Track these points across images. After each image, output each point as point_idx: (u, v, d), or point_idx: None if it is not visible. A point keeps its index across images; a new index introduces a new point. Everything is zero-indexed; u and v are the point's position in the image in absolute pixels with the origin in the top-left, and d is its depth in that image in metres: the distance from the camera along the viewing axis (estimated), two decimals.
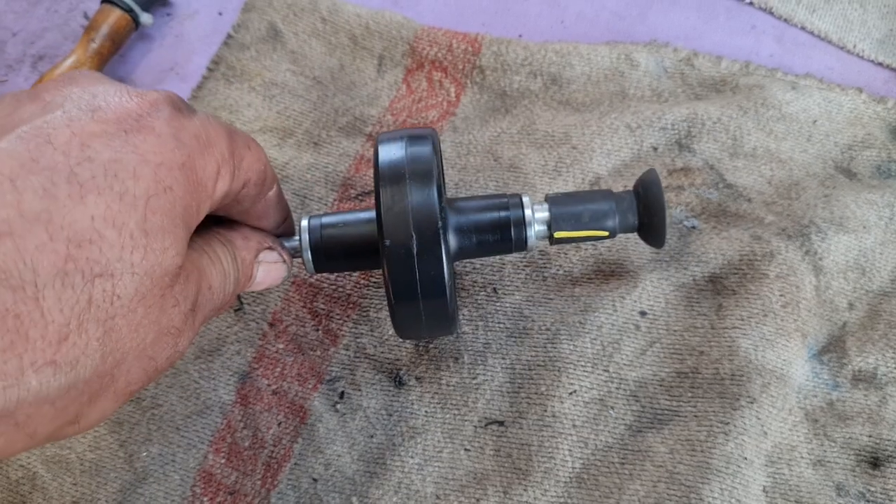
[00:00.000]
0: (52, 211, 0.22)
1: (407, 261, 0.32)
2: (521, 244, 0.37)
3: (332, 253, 0.36)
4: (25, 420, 0.23)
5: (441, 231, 0.32)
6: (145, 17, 0.52)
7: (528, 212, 0.36)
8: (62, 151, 0.23)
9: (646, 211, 0.38)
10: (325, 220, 0.36)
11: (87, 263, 0.22)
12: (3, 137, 0.23)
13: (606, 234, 0.38)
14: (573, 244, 0.42)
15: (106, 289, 0.23)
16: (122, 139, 0.24)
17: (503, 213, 0.36)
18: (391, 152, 0.33)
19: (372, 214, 0.36)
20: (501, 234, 0.36)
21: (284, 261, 0.35)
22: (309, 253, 0.36)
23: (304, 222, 0.36)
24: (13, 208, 0.21)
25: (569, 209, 0.37)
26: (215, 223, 0.33)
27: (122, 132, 0.24)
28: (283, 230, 0.36)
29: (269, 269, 0.34)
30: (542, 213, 0.37)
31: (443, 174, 0.35)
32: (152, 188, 0.24)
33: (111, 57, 0.52)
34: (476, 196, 0.39)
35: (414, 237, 0.32)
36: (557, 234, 0.37)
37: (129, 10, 0.51)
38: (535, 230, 0.37)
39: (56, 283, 0.22)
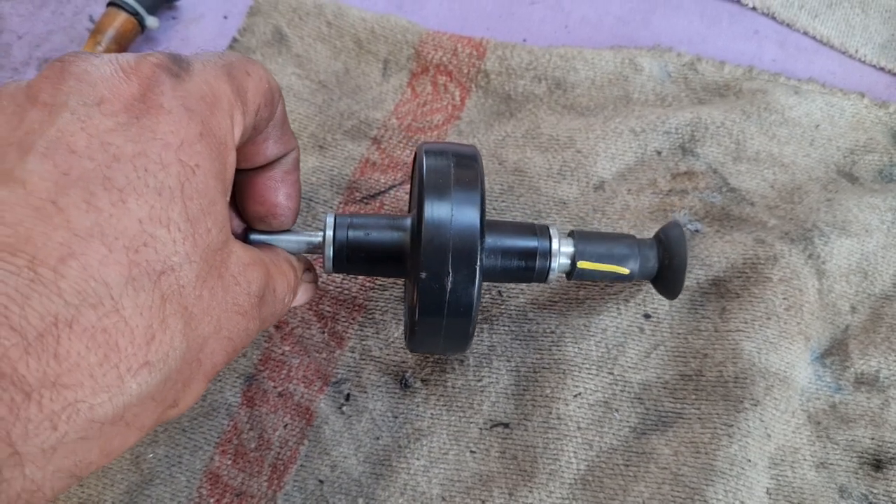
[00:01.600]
0: (102, 223, 0.23)
1: (439, 294, 0.32)
2: (543, 275, 0.37)
3: (354, 255, 0.35)
4: (133, 418, 0.24)
5: (478, 270, 0.32)
6: (151, 21, 0.53)
7: (555, 243, 0.37)
8: (87, 157, 0.23)
9: (667, 260, 0.38)
10: (354, 220, 0.36)
11: (149, 265, 0.23)
12: (26, 158, 0.23)
13: (627, 272, 0.38)
14: (588, 280, 0.42)
15: (172, 283, 0.24)
16: (137, 127, 0.24)
17: (531, 243, 0.36)
18: (437, 169, 0.33)
19: (401, 222, 0.36)
20: (526, 263, 0.36)
21: (315, 281, 0.37)
22: (331, 250, 0.35)
23: (331, 218, 0.36)
24: (65, 229, 0.22)
25: (594, 247, 0.37)
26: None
27: (134, 119, 0.25)
28: (294, 161, 0.35)
29: (306, 289, 0.36)
30: (567, 248, 0.37)
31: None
32: (182, 173, 0.25)
33: None
34: (505, 221, 0.39)
35: (451, 275, 0.32)
36: (581, 265, 0.37)
37: (135, 14, 0.52)
38: (560, 263, 0.37)
39: (128, 290, 0.23)
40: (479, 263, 0.32)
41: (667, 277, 0.38)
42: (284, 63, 0.52)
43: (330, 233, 0.35)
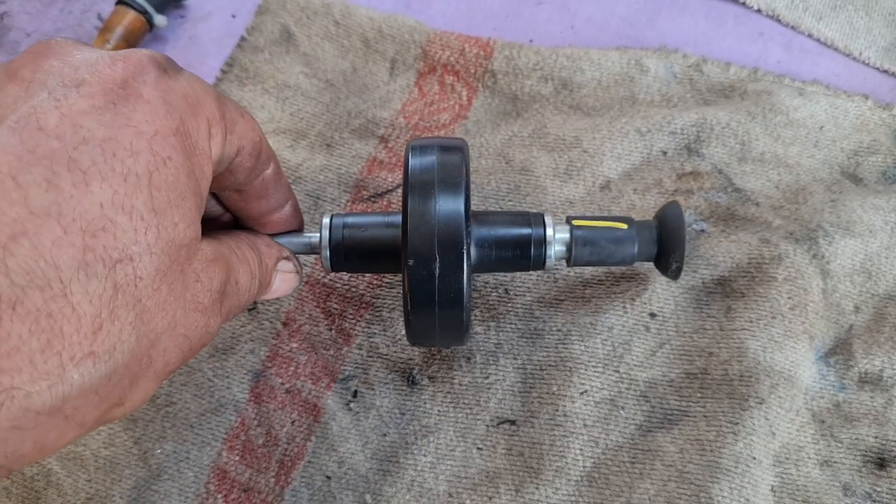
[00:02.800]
0: (61, 203, 0.22)
1: (429, 281, 0.32)
2: (540, 263, 0.37)
3: (351, 253, 0.36)
4: (73, 412, 0.23)
5: (465, 255, 0.33)
6: (159, 19, 0.53)
7: (549, 231, 0.37)
8: (56, 136, 0.22)
9: (666, 242, 0.38)
10: (349, 220, 0.37)
11: (105, 251, 0.22)
12: None
13: (625, 226, 0.38)
14: (590, 266, 0.42)
15: (128, 273, 0.23)
16: (112, 112, 0.24)
17: (525, 231, 0.37)
18: (422, 164, 0.34)
19: (395, 219, 0.36)
20: (521, 251, 0.37)
21: (297, 272, 0.36)
22: (328, 251, 0.36)
23: (327, 220, 0.36)
24: (21, 206, 0.21)
25: (591, 233, 0.38)
26: (241, 229, 0.33)
27: (111, 104, 0.24)
28: (288, 214, 0.35)
29: (285, 278, 0.35)
30: (563, 234, 0.37)
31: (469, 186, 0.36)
32: (152, 163, 0.24)
33: None
34: (499, 211, 0.39)
35: (438, 260, 0.32)
36: (576, 223, 0.38)
37: (144, 12, 0.52)
38: (555, 250, 0.37)
39: (80, 275, 0.22)
40: (465, 247, 0.33)
41: (667, 256, 0.38)
42: (292, 62, 0.52)
43: (326, 233, 0.36)
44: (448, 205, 0.33)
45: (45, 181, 0.22)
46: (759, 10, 0.54)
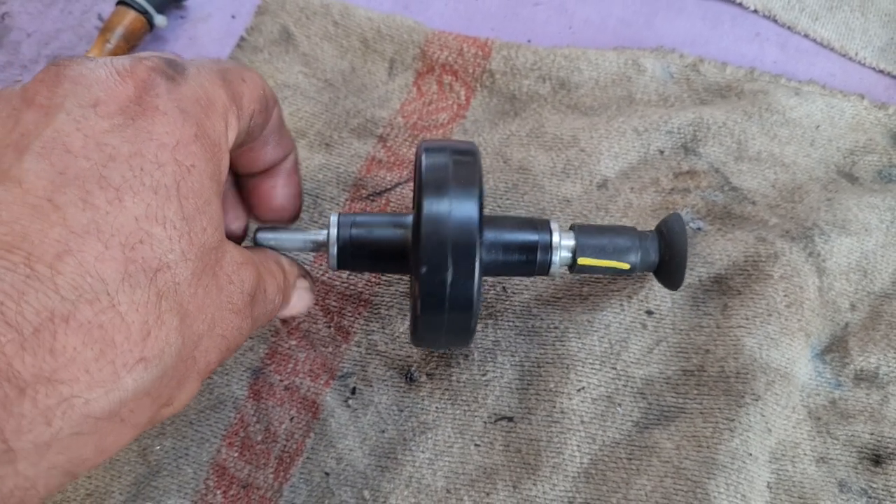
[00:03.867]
0: (98, 220, 0.23)
1: (440, 288, 0.33)
2: (545, 268, 0.37)
3: (358, 252, 0.36)
4: (129, 415, 0.24)
5: (478, 264, 0.33)
6: (160, 19, 0.53)
7: (555, 237, 0.37)
8: (83, 156, 0.23)
9: (668, 252, 0.39)
10: (358, 219, 0.37)
11: (145, 262, 0.24)
12: (22, 157, 0.23)
13: (627, 266, 0.39)
14: (592, 274, 0.42)
15: (168, 280, 0.24)
16: (133, 128, 0.25)
17: (532, 237, 0.37)
18: (436, 166, 0.34)
19: (404, 220, 0.36)
20: (528, 257, 0.37)
21: (313, 291, 0.37)
22: (335, 248, 0.36)
23: (335, 217, 0.36)
24: (61, 226, 0.22)
25: (595, 240, 0.38)
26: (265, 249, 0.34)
27: (130, 120, 0.25)
28: (293, 172, 0.36)
29: (302, 296, 0.36)
30: (568, 241, 0.38)
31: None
32: (178, 172, 0.25)
33: None
34: (506, 216, 0.39)
35: (450, 268, 0.32)
36: (581, 261, 0.38)
37: (144, 12, 0.52)
38: (561, 256, 0.37)
39: (125, 286, 0.23)
40: (478, 257, 0.33)
41: (668, 268, 0.39)
42: (291, 62, 0.52)
43: (334, 231, 0.36)
44: (462, 212, 0.33)
45: (81, 200, 0.23)
46: (755, 11, 0.54)
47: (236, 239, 0.35)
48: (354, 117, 0.50)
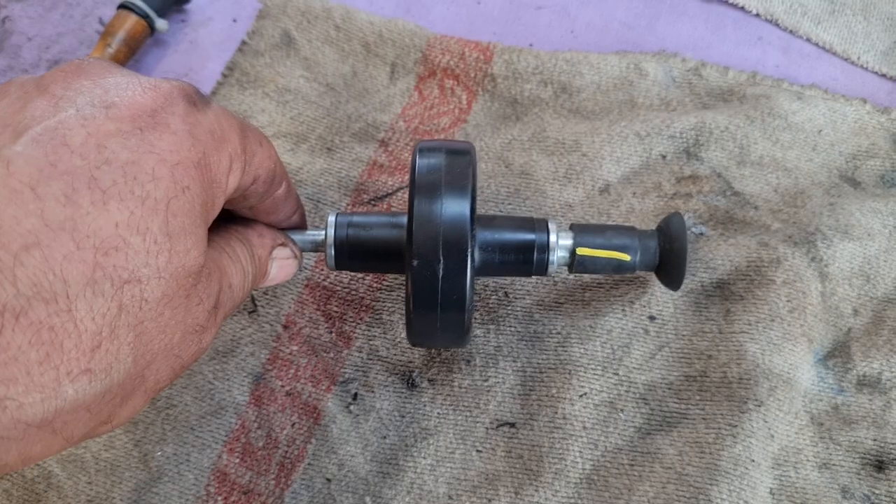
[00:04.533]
0: (77, 219, 0.22)
1: (432, 282, 0.33)
2: (542, 268, 0.37)
3: (356, 252, 0.36)
4: (62, 426, 0.23)
5: (469, 257, 0.33)
6: (161, 23, 0.53)
7: (552, 237, 0.37)
8: (79, 154, 0.23)
9: (668, 252, 0.38)
10: (354, 219, 0.37)
11: (115, 271, 0.22)
12: (17, 139, 0.22)
13: (627, 258, 0.38)
14: (591, 273, 0.42)
15: (134, 294, 0.23)
16: (138, 138, 0.24)
17: (529, 236, 0.37)
18: (429, 167, 0.34)
19: (401, 220, 0.36)
20: (524, 256, 0.37)
21: (296, 256, 0.36)
22: (332, 249, 0.36)
23: (332, 218, 0.37)
24: (37, 217, 0.21)
25: (594, 239, 0.38)
26: (231, 220, 0.33)
27: (138, 130, 0.24)
28: (295, 223, 0.36)
29: (283, 265, 0.35)
30: (566, 241, 0.38)
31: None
32: (171, 190, 0.24)
33: (127, 62, 0.52)
34: (503, 216, 0.39)
35: (442, 262, 0.32)
36: (580, 252, 0.38)
37: (145, 16, 0.52)
38: (558, 256, 0.37)
39: (87, 292, 0.22)
40: (469, 250, 0.33)
41: (668, 266, 0.39)
42: (292, 66, 0.52)
43: (331, 231, 0.36)
44: (454, 207, 0.33)
45: (64, 196, 0.22)
46: (757, 15, 0.54)
47: None
48: (356, 121, 0.50)
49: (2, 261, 0.20)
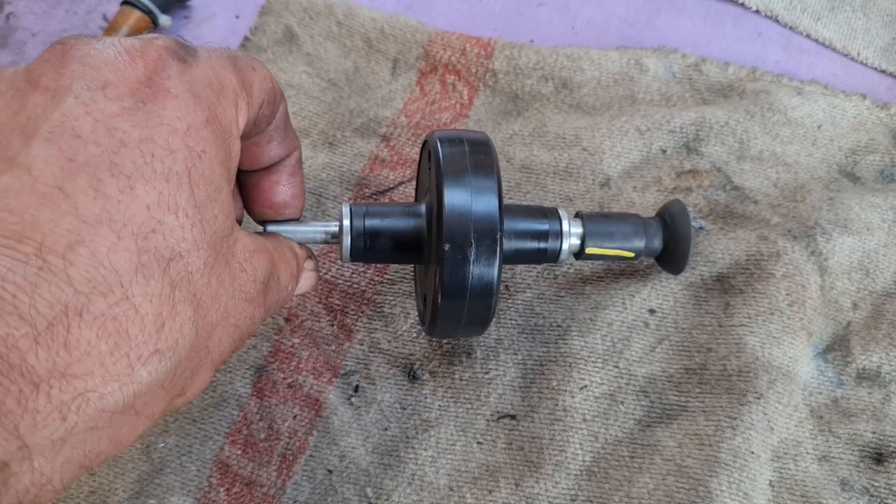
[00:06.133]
0: (110, 209, 0.22)
1: (463, 267, 0.33)
2: (555, 255, 0.38)
3: (372, 242, 0.36)
4: (143, 407, 0.24)
5: (500, 242, 0.33)
6: (164, 19, 0.53)
7: (565, 225, 0.38)
8: (93, 142, 0.23)
9: (671, 238, 0.39)
10: (370, 208, 0.36)
11: (158, 251, 0.23)
12: (30, 143, 0.22)
13: (632, 255, 0.40)
14: (597, 261, 0.43)
15: (181, 270, 0.24)
16: (144, 111, 0.24)
17: (542, 224, 0.37)
18: (453, 154, 0.34)
19: (417, 209, 0.36)
20: (538, 244, 0.37)
21: (317, 270, 0.37)
22: (349, 239, 0.36)
23: (346, 208, 0.36)
24: (73, 216, 0.21)
25: (601, 227, 0.39)
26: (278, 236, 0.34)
27: (141, 103, 0.24)
28: (297, 169, 0.35)
29: (308, 277, 0.36)
30: (577, 228, 0.38)
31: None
32: (189, 159, 0.24)
33: None
34: (516, 204, 0.40)
35: (473, 246, 0.33)
36: (589, 250, 0.39)
37: (149, 12, 0.53)
38: (570, 243, 0.38)
39: (138, 277, 0.22)
40: (500, 234, 0.33)
41: (672, 253, 0.40)
42: (295, 61, 0.53)
43: (347, 222, 0.35)
44: (483, 192, 0.33)
45: (92, 189, 0.22)
46: (757, 11, 0.54)
47: None
48: (358, 117, 0.50)
49: (53, 264, 0.21)
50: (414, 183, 0.47)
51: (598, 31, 0.54)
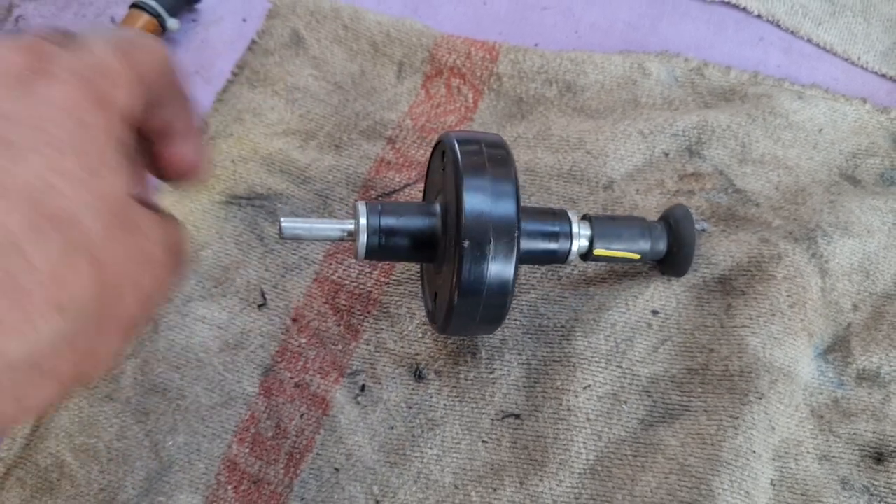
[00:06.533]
0: (1, 177, 0.24)
1: (481, 263, 0.34)
2: (564, 256, 0.39)
3: (388, 240, 0.36)
4: (49, 367, 0.25)
5: (517, 240, 0.34)
6: (172, 23, 0.54)
7: (574, 226, 0.38)
8: None
9: (676, 241, 0.41)
10: (385, 207, 0.37)
11: (51, 213, 0.24)
12: None
13: (638, 257, 0.41)
14: (603, 262, 0.44)
15: (77, 231, 0.25)
16: (30, 94, 0.26)
17: (553, 225, 0.38)
18: (471, 154, 0.35)
19: (432, 207, 0.37)
20: (549, 244, 0.38)
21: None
22: (365, 236, 0.36)
23: (362, 206, 0.36)
24: None
25: (609, 229, 0.40)
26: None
27: (26, 86, 0.26)
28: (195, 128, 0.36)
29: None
30: (586, 230, 0.39)
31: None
32: (76, 130, 0.26)
33: None
34: (529, 206, 0.40)
35: (492, 243, 0.33)
36: (597, 252, 0.40)
37: (157, 16, 0.53)
38: (579, 245, 0.39)
39: (32, 236, 0.24)
40: (517, 231, 0.34)
41: (676, 256, 0.41)
42: (302, 65, 0.53)
43: (363, 220, 0.36)
44: (502, 190, 0.34)
45: None
46: (759, 16, 0.55)
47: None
48: (364, 119, 0.51)
49: None
50: (419, 185, 0.48)
51: (602, 35, 0.55)
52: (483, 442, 0.41)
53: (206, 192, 0.49)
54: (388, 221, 0.37)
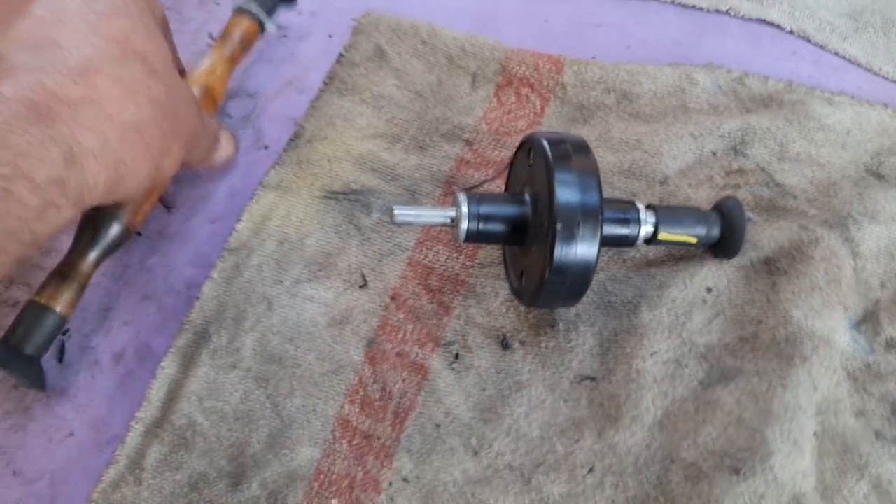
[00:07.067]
0: (98, 26, 0.39)
1: (570, 243, 0.40)
2: (634, 239, 0.45)
3: (485, 226, 0.43)
4: (148, 135, 0.41)
5: (601, 222, 0.40)
6: (270, 26, 0.59)
7: (642, 214, 0.45)
8: (75, 3, 0.39)
9: (728, 228, 0.47)
10: (483, 196, 0.43)
11: (133, 50, 0.41)
12: (31, 3, 0.38)
13: (695, 241, 0.47)
14: (663, 246, 0.50)
15: (149, 63, 0.41)
16: None
17: (625, 213, 0.45)
18: (559, 150, 0.41)
19: (521, 197, 0.44)
20: (621, 229, 0.45)
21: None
22: (466, 222, 0.42)
23: (463, 196, 0.43)
24: (81, 34, 0.39)
25: (670, 216, 0.46)
26: None
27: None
28: None
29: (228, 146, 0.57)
30: (651, 217, 0.46)
31: None
32: (137, 8, 0.42)
33: (240, 60, 0.58)
34: (605, 196, 0.47)
35: (580, 224, 0.40)
36: (661, 236, 0.46)
37: (257, 20, 0.58)
38: (646, 230, 0.45)
39: (126, 60, 0.40)
40: (601, 216, 0.40)
41: (728, 240, 0.48)
42: (385, 76, 0.60)
43: (465, 208, 0.42)
44: (587, 179, 0.41)
45: (81, 20, 0.39)
46: (791, 32, 0.61)
47: None
48: (443, 124, 0.58)
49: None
50: (496, 181, 0.55)
51: (651, 49, 0.61)
52: (564, 401, 0.47)
53: (306, 189, 0.55)
54: (486, 209, 0.43)
